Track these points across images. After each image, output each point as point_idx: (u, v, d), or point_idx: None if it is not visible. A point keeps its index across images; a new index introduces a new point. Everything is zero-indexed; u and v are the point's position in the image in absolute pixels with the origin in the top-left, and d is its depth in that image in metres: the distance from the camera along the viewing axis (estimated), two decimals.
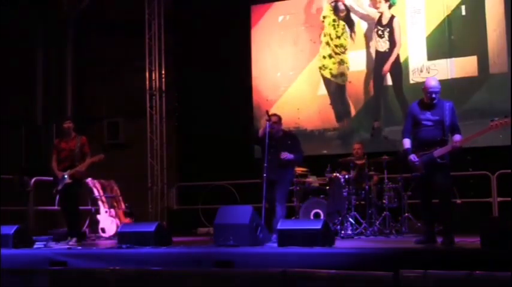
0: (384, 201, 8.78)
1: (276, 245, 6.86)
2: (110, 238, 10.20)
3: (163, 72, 12.16)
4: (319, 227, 6.65)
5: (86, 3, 12.88)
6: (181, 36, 12.52)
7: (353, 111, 11.10)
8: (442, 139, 6.83)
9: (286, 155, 7.96)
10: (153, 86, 12.10)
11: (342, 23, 11.27)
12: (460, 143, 6.76)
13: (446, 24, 10.44)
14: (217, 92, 11.95)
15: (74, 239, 8.48)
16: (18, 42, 12.94)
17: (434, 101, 6.85)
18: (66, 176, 8.55)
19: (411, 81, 10.65)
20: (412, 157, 6.89)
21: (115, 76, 12.88)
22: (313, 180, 9.34)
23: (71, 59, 13.04)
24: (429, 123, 6.86)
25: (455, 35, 10.37)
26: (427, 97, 6.89)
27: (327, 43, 11.30)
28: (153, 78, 12.10)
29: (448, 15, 10.46)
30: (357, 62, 11.13)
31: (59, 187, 8.61)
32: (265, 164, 7.85)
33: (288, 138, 8.23)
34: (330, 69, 11.27)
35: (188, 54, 12.42)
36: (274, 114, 8.35)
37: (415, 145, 7.00)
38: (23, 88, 13.10)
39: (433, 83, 6.90)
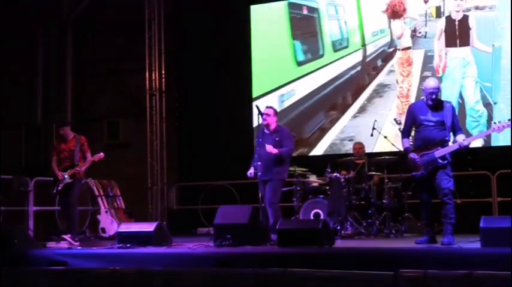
0: (384, 201, 8.77)
1: (276, 245, 6.86)
2: (110, 238, 10.19)
3: (163, 72, 12.14)
4: (319, 227, 6.65)
5: (86, 3, 12.88)
6: (182, 36, 12.52)
7: (353, 111, 11.10)
8: (443, 139, 6.85)
9: (270, 149, 7.84)
10: (153, 86, 12.09)
11: None
12: (468, 141, 6.80)
13: None
14: (217, 92, 11.95)
15: (69, 235, 8.53)
16: (18, 42, 12.96)
17: (434, 102, 6.87)
18: (66, 176, 8.59)
19: None
20: (412, 155, 6.91)
21: (115, 76, 12.88)
22: (313, 180, 9.33)
23: (71, 59, 13.04)
24: (430, 123, 6.88)
25: None
26: (427, 98, 6.92)
27: None
28: (153, 78, 12.09)
29: None
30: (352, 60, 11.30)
31: (60, 187, 8.64)
32: (258, 163, 7.84)
33: (276, 134, 8.10)
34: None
35: (188, 54, 12.41)
36: (270, 107, 8.32)
37: (416, 144, 7.02)
38: (23, 88, 13.12)
39: (432, 84, 6.93)
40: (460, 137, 6.83)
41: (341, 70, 11.39)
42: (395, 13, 11.01)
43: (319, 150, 11.20)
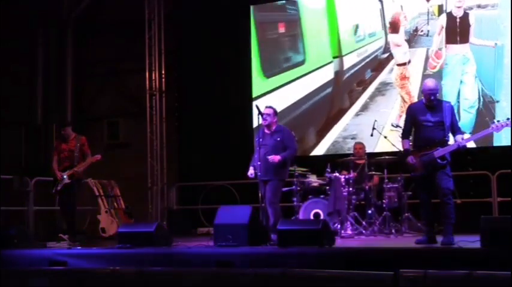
0: (384, 201, 8.77)
1: (276, 245, 6.86)
2: (109, 238, 10.20)
3: (163, 72, 12.14)
4: (319, 227, 6.65)
5: (85, 3, 12.88)
6: (181, 36, 12.52)
7: (356, 110, 11.10)
8: (442, 139, 6.85)
9: (273, 159, 7.86)
10: (153, 86, 12.09)
11: None
12: (467, 141, 6.82)
13: None
14: (217, 92, 11.95)
15: (67, 236, 8.56)
16: (18, 42, 12.95)
17: (433, 102, 6.88)
18: (65, 177, 8.60)
19: None
20: (410, 158, 6.92)
21: (115, 76, 12.88)
22: (313, 180, 9.34)
23: (71, 59, 13.04)
24: (429, 124, 6.88)
25: None
26: (425, 99, 6.93)
27: None
28: (153, 78, 12.09)
29: None
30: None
31: (59, 187, 8.66)
32: (258, 163, 7.84)
33: (278, 134, 8.09)
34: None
35: (188, 54, 12.41)
36: (270, 107, 8.34)
37: (416, 145, 7.02)
38: (23, 88, 13.12)
39: (430, 84, 6.94)
40: (459, 137, 6.84)
41: (294, 99, 10.74)
42: (394, 26, 10.90)
43: (321, 148, 11.14)
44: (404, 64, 10.80)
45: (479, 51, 10.27)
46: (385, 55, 10.92)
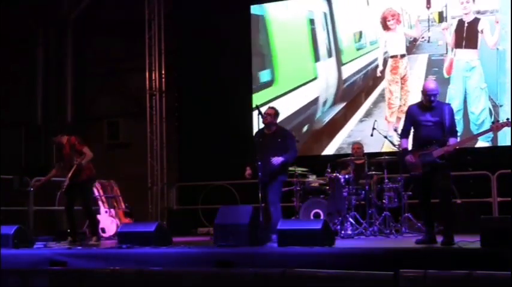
0: (384, 201, 8.77)
1: (276, 245, 6.87)
2: (110, 238, 10.20)
3: (163, 72, 12.15)
4: (319, 227, 6.65)
5: (85, 3, 12.89)
6: (181, 36, 12.52)
7: (360, 116, 11.10)
8: (442, 139, 6.84)
9: (275, 161, 7.91)
10: (153, 86, 12.10)
11: None
12: (453, 146, 6.78)
13: None
14: (217, 92, 11.95)
15: (94, 238, 8.69)
16: (18, 42, 12.96)
17: (433, 104, 6.88)
18: (66, 183, 8.60)
19: None
20: (409, 157, 6.91)
21: (115, 76, 12.89)
22: (313, 180, 9.34)
23: (71, 59, 13.05)
24: (429, 123, 6.88)
25: None
26: (426, 99, 6.93)
27: None
28: (153, 78, 12.10)
29: None
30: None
31: (63, 189, 8.68)
32: (259, 163, 7.85)
33: (279, 136, 8.11)
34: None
35: (188, 54, 12.41)
36: (271, 108, 8.34)
37: (415, 144, 7.02)
38: (23, 88, 13.13)
39: (431, 86, 6.94)
40: (451, 142, 6.82)
41: None
42: (386, 25, 10.92)
43: (326, 154, 11.16)
44: (396, 56, 10.83)
45: (485, 57, 10.23)
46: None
